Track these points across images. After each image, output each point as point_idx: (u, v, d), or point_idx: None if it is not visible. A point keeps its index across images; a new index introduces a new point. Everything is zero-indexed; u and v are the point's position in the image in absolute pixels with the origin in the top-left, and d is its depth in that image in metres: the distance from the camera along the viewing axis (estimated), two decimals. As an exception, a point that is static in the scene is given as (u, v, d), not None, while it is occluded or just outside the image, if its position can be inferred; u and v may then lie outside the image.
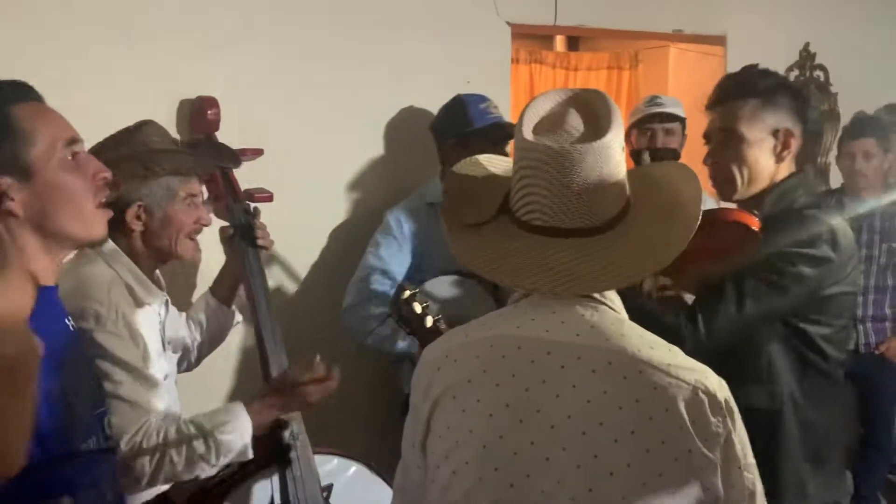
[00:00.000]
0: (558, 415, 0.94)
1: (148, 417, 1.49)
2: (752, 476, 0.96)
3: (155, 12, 2.00)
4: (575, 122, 1.02)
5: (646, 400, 0.92)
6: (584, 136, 1.00)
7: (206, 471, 1.55)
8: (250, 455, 1.61)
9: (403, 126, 2.29)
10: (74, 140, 1.13)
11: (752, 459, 0.97)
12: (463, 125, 2.17)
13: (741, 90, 1.59)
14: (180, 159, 1.64)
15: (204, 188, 1.90)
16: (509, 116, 2.61)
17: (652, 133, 2.60)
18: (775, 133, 1.58)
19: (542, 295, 1.01)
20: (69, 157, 1.11)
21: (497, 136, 2.14)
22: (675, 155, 2.62)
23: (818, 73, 3.24)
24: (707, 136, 1.68)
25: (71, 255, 1.30)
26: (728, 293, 1.47)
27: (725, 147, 1.59)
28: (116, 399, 1.44)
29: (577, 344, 0.96)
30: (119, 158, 1.52)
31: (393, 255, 2.12)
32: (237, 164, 1.88)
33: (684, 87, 3.21)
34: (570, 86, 3.08)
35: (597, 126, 1.01)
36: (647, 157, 2.47)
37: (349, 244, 2.21)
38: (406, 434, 1.07)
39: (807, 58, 3.23)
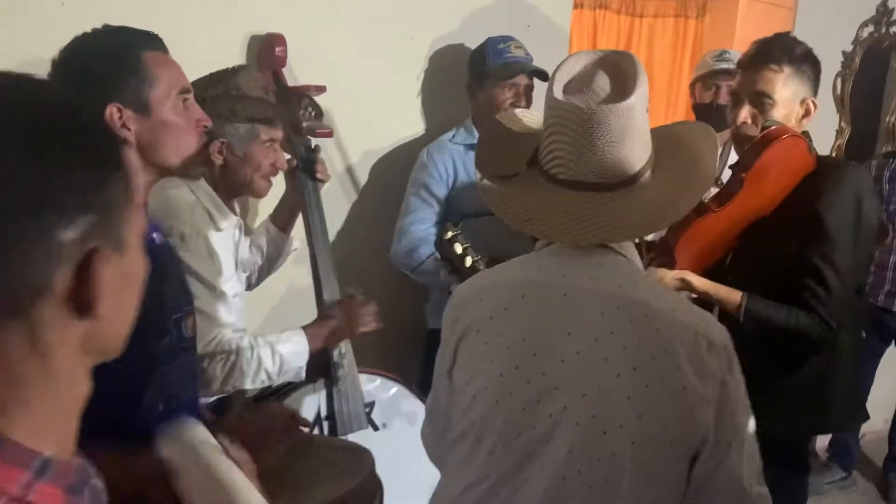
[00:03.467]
0: (568, 350, 1.05)
1: (221, 329, 1.67)
2: (745, 415, 1.05)
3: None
4: (602, 83, 1.08)
5: (648, 341, 1.02)
6: (610, 97, 1.06)
7: (265, 383, 1.74)
8: (303, 376, 1.80)
9: (458, 68, 2.35)
10: (187, 90, 1.32)
11: (746, 400, 1.06)
12: (479, 65, 2.24)
13: (781, 56, 1.68)
14: (263, 108, 1.78)
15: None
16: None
17: (716, 89, 2.56)
18: (802, 101, 1.70)
19: (563, 244, 1.11)
20: (181, 103, 1.30)
21: (505, 74, 2.19)
22: None
23: (895, 29, 3.13)
24: (735, 94, 1.76)
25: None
26: (827, 274, 1.61)
27: (757, 109, 1.68)
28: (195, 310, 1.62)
29: (591, 289, 1.06)
30: (211, 97, 1.67)
31: (432, 194, 2.22)
32: (318, 125, 1.99)
33: (751, 39, 3.14)
34: (634, 33, 3.05)
35: (623, 88, 1.07)
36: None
37: (399, 179, 2.32)
38: (437, 363, 1.20)
39: (884, 13, 3.11)
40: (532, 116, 1.25)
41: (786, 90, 1.68)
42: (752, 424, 1.07)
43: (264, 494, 0.80)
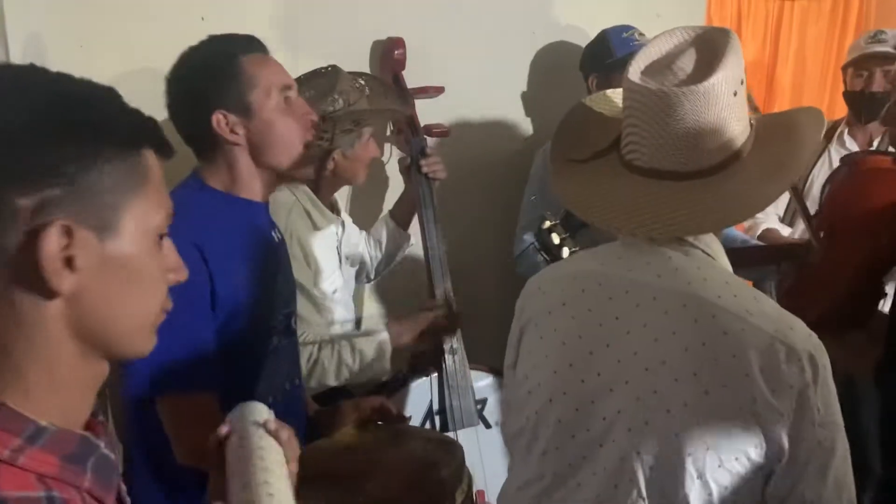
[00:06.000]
0: (626, 350, 0.99)
1: (308, 326, 1.75)
2: (831, 435, 0.93)
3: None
4: (685, 64, 1.00)
5: (713, 344, 0.94)
6: (689, 79, 0.98)
7: (348, 378, 1.80)
8: (387, 368, 1.85)
9: (577, 64, 2.29)
10: (288, 86, 1.35)
11: (835, 418, 0.94)
12: (604, 57, 2.12)
13: None
14: (384, 116, 1.89)
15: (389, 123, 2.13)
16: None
17: (869, 74, 2.29)
18: None
19: (635, 235, 1.05)
20: (283, 101, 1.33)
21: None
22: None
23: None
24: None
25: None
26: None
27: None
28: None
29: (656, 285, 0.99)
30: (330, 116, 1.76)
31: (547, 196, 2.17)
32: (410, 111, 2.06)
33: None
34: (785, 18, 2.80)
35: (706, 68, 0.98)
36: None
37: (515, 177, 2.30)
38: (505, 356, 1.19)
39: None
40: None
41: None
42: (842, 445, 0.95)
43: (292, 478, 0.83)
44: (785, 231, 2.36)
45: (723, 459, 0.93)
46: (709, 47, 1.01)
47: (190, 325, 1.20)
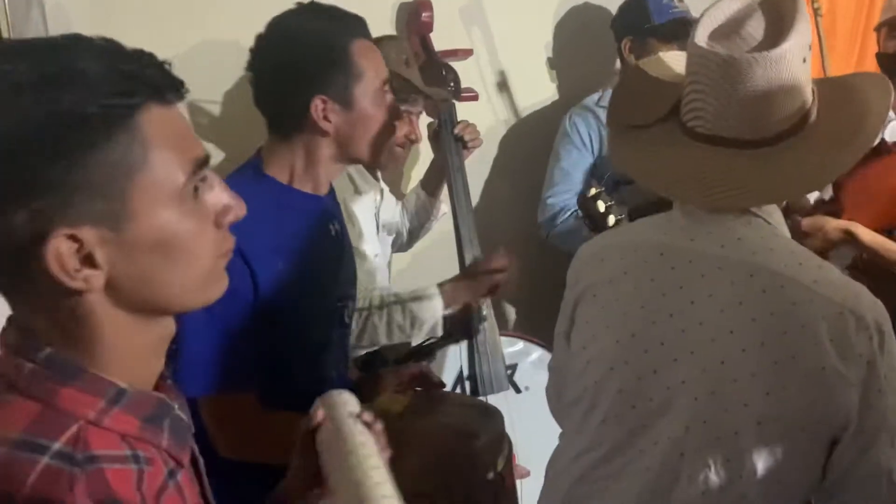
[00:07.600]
0: (690, 320, 0.98)
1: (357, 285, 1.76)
2: None
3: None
4: (753, 30, 0.98)
5: (782, 314, 0.94)
6: (759, 46, 0.97)
7: (400, 339, 1.80)
8: (440, 331, 1.84)
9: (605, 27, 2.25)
10: (387, 80, 1.31)
11: None
12: (641, 21, 2.06)
13: None
14: (399, 85, 1.79)
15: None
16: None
17: None
18: None
19: (696, 204, 1.04)
20: (382, 95, 1.29)
21: (679, 32, 1.97)
22: None
23: None
24: None
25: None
26: None
27: None
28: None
29: (720, 255, 0.98)
30: None
31: (574, 163, 2.15)
32: (455, 97, 1.99)
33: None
34: (816, -26, 2.73)
35: (776, 34, 0.96)
36: None
37: (544, 142, 2.27)
38: (557, 323, 1.18)
39: None
40: (683, 61, 1.16)
41: None
42: None
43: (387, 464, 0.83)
44: (812, 195, 2.34)
45: (790, 428, 0.93)
46: (776, 12, 0.99)
47: (228, 331, 1.19)
